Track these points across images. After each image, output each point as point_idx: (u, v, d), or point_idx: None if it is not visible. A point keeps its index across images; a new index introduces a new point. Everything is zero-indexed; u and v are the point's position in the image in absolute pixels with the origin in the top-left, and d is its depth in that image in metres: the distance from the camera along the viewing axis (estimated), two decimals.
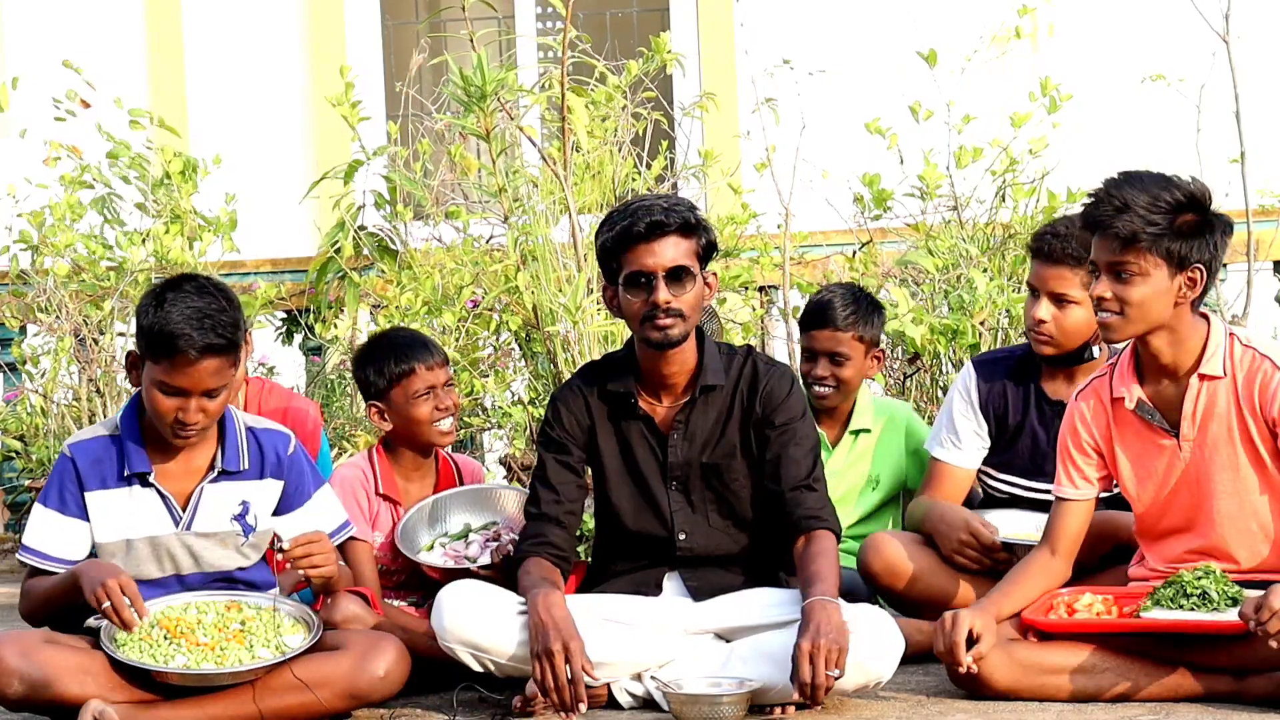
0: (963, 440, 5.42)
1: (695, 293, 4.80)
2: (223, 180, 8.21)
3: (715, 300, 7.54)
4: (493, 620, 4.75)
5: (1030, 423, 5.37)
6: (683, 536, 4.93)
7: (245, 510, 4.76)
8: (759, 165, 7.77)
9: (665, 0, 9.98)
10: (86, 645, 4.62)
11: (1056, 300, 5.25)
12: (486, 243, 7.81)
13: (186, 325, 4.51)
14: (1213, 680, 4.63)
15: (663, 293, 4.75)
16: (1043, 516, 5.20)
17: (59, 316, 8.00)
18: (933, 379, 7.38)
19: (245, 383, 5.54)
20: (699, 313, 4.85)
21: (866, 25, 9.55)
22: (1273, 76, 9.03)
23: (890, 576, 5.19)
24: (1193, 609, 4.57)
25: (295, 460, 4.83)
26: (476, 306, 7.49)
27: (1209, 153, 7.23)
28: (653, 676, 4.76)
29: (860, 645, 4.59)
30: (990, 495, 5.51)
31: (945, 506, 5.30)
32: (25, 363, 8.14)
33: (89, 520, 4.70)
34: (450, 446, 5.66)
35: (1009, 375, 5.42)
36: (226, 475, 4.75)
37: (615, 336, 6.96)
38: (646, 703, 4.78)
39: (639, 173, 7.71)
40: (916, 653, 4.94)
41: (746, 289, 7.76)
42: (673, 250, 4.77)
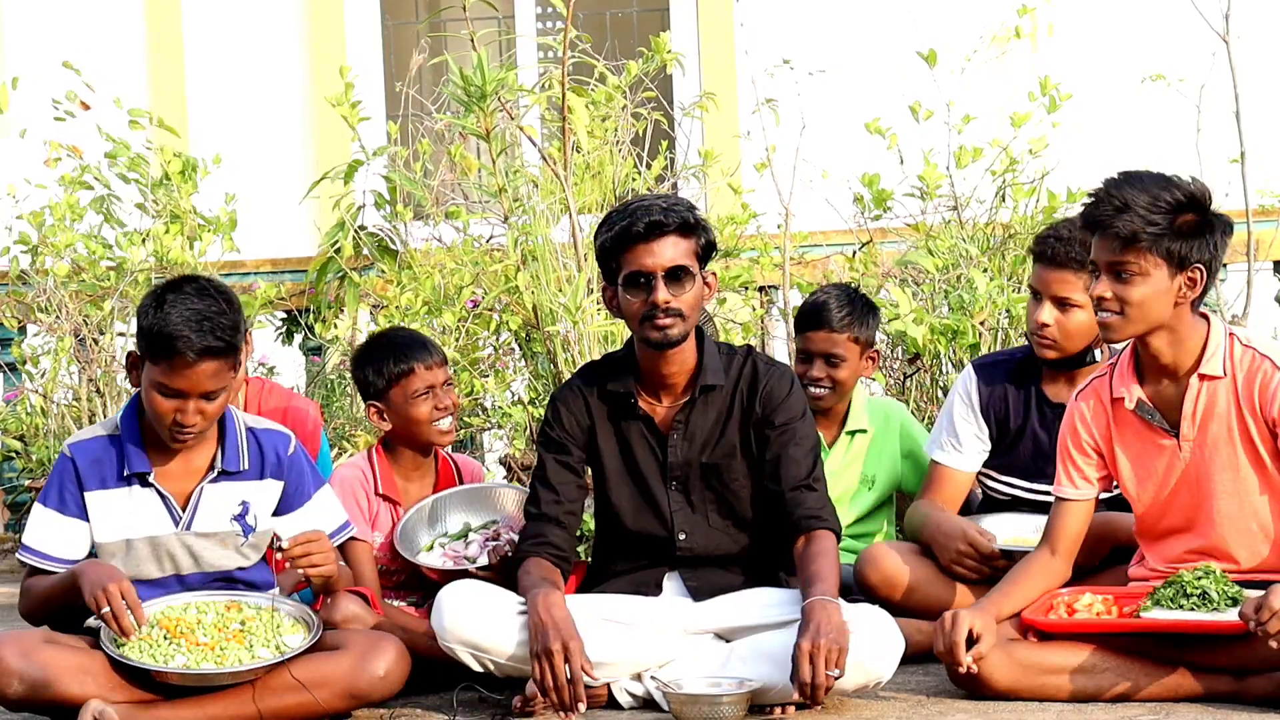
0: (963, 443, 5.41)
1: (694, 292, 4.80)
2: (223, 180, 8.21)
3: (715, 300, 7.54)
4: (493, 620, 4.75)
5: (1031, 425, 5.36)
6: (683, 536, 4.93)
7: (245, 510, 4.76)
8: (759, 165, 7.76)
9: (665, 0, 9.97)
10: (86, 645, 4.62)
11: (1059, 304, 5.25)
12: (486, 243, 7.80)
13: (185, 327, 4.51)
14: (1213, 680, 4.62)
15: (662, 292, 4.75)
16: (1039, 518, 5.20)
17: (59, 316, 8.00)
18: (933, 379, 7.37)
19: (245, 383, 5.54)
20: (698, 312, 4.85)
21: (866, 25, 9.55)
22: (1273, 76, 9.03)
23: (888, 588, 5.17)
24: (1193, 609, 4.56)
25: (295, 460, 4.83)
26: (476, 306, 7.48)
27: (1209, 153, 7.22)
28: (653, 676, 4.76)
29: (860, 645, 4.58)
30: (991, 497, 5.51)
31: (941, 516, 5.28)
32: (25, 363, 8.14)
33: (89, 520, 4.69)
34: (450, 446, 5.66)
35: (1009, 378, 5.41)
36: (226, 475, 4.75)
37: (615, 336, 6.96)
38: (646, 703, 4.77)
39: (639, 173, 7.70)
40: (916, 653, 4.94)
41: (746, 289, 7.76)
42: (672, 250, 4.76)
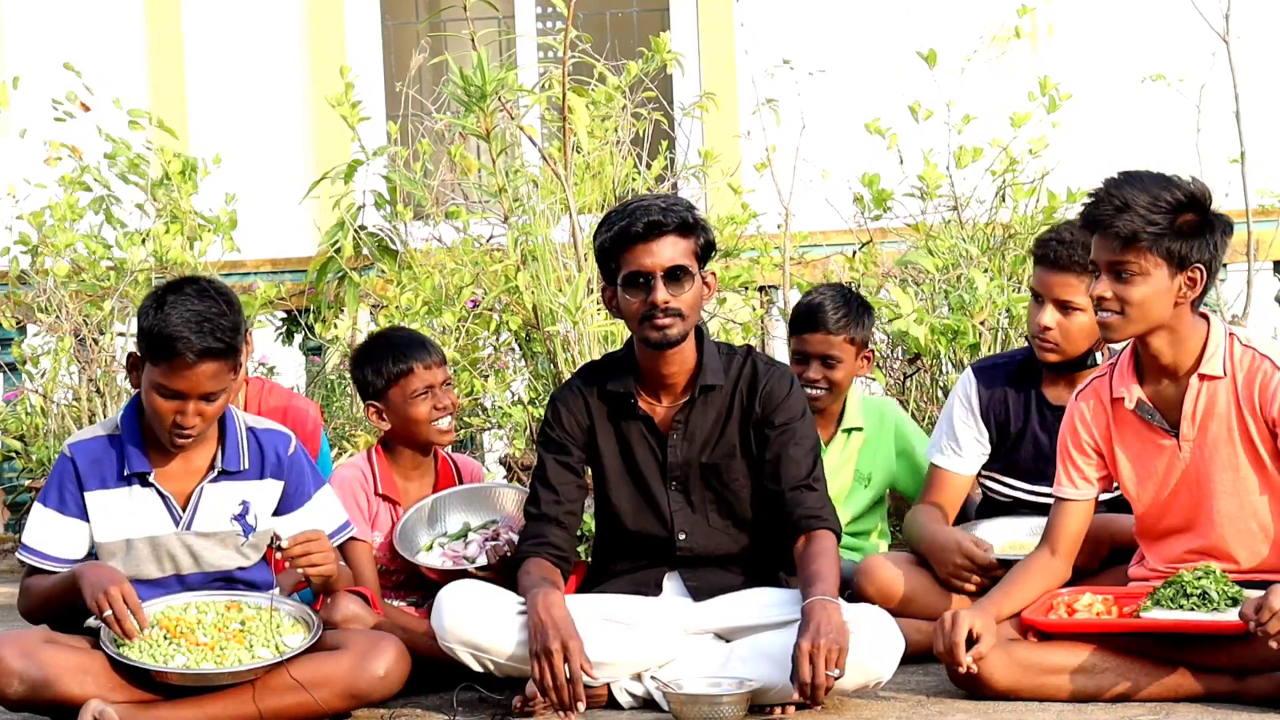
0: (963, 448, 5.41)
1: (694, 292, 4.80)
2: (223, 180, 8.21)
3: (715, 300, 7.54)
4: (492, 620, 4.75)
5: (1032, 428, 5.35)
6: (682, 536, 4.93)
7: (245, 510, 4.76)
8: (759, 165, 7.76)
9: (665, 0, 9.97)
10: (86, 645, 4.62)
11: (1061, 307, 5.24)
12: (486, 243, 7.80)
13: (185, 328, 4.51)
14: (1213, 680, 4.62)
15: (661, 292, 4.75)
16: (1034, 520, 5.21)
17: (59, 316, 8.00)
18: (933, 379, 7.37)
19: (245, 383, 5.54)
20: (698, 312, 4.85)
21: (866, 25, 9.54)
22: (1273, 76, 9.02)
23: (883, 600, 5.14)
24: (1193, 609, 4.56)
25: (295, 460, 4.83)
26: (476, 306, 7.48)
27: (1209, 153, 7.23)
28: (653, 676, 4.76)
29: (860, 645, 4.58)
30: (993, 499, 5.50)
31: (936, 530, 5.26)
32: (25, 363, 8.14)
33: (88, 520, 4.69)
34: (450, 446, 5.66)
35: (1009, 381, 5.41)
36: (226, 475, 4.75)
37: (615, 336, 6.96)
38: (646, 703, 4.77)
39: (639, 173, 7.70)
40: (916, 653, 4.93)
41: (746, 289, 7.76)
42: (670, 250, 4.76)
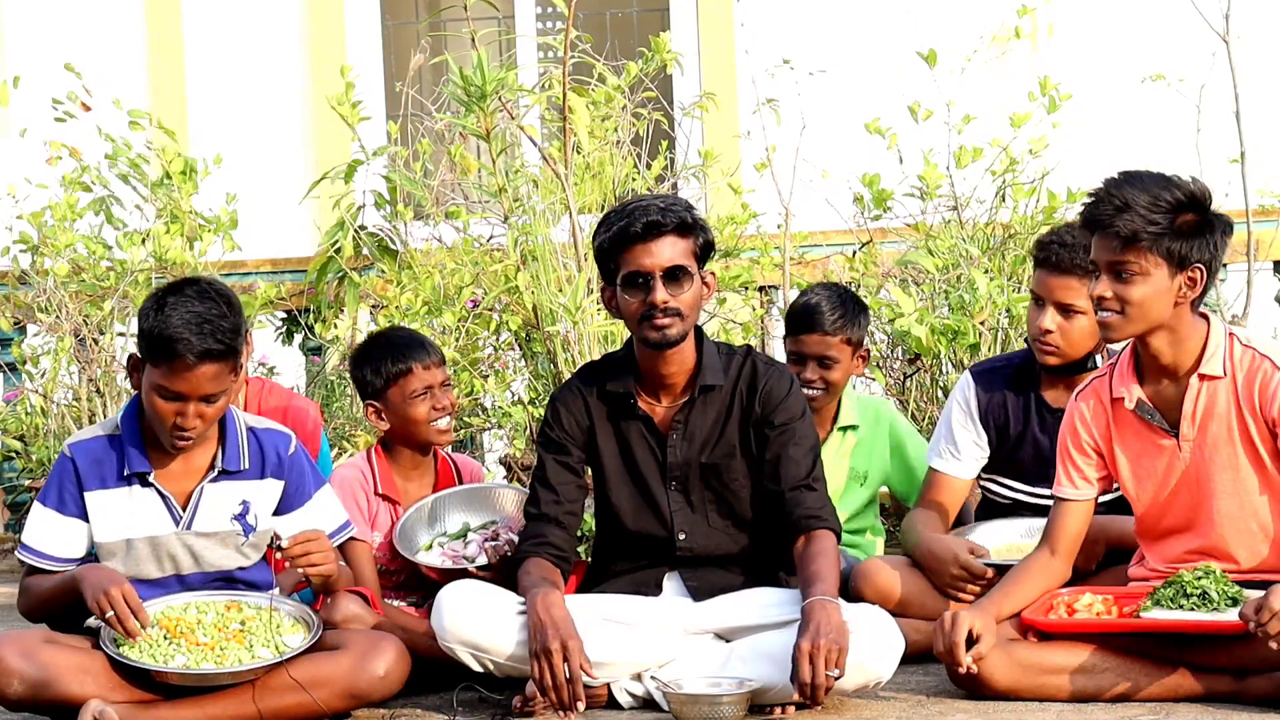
0: (962, 451, 5.40)
1: (693, 292, 4.80)
2: (223, 180, 8.21)
3: (715, 300, 7.54)
4: (492, 620, 4.75)
5: (1032, 431, 5.34)
6: (682, 536, 4.93)
7: (245, 510, 4.76)
8: (759, 165, 7.76)
9: (665, 0, 9.97)
10: (86, 645, 4.62)
11: (1063, 310, 5.23)
12: (486, 243, 7.80)
13: (185, 330, 4.51)
14: (1213, 680, 4.62)
15: (660, 292, 4.75)
16: (1029, 521, 5.22)
17: (59, 316, 8.00)
18: (933, 379, 7.38)
19: (245, 383, 5.54)
20: (697, 312, 4.85)
21: (866, 25, 9.55)
22: (1273, 76, 9.03)
23: (882, 603, 5.13)
24: (1193, 609, 4.56)
25: (296, 460, 4.83)
26: (476, 306, 7.48)
27: (1209, 153, 7.23)
28: (653, 676, 4.75)
29: (860, 645, 4.58)
30: (993, 502, 5.50)
31: (933, 539, 5.24)
32: (25, 363, 8.14)
33: (88, 520, 4.69)
34: (450, 446, 5.66)
35: (1008, 384, 5.40)
36: (227, 475, 4.75)
37: (615, 336, 6.96)
38: (646, 703, 4.77)
39: (639, 173, 7.70)
40: (916, 653, 4.93)
41: (746, 289, 7.76)
42: (670, 250, 4.76)
